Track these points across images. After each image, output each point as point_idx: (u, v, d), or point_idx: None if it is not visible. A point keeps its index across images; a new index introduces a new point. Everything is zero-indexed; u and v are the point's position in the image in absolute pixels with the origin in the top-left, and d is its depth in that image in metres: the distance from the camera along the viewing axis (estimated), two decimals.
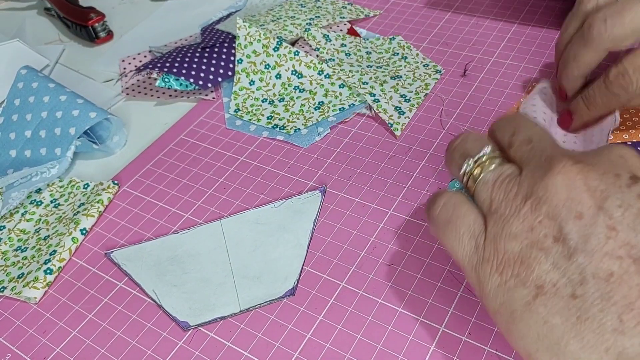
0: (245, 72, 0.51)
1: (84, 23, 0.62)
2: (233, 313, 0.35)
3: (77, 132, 0.46)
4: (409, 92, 0.49)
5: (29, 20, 0.70)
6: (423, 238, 0.37)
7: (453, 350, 0.31)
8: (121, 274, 0.38)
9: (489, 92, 0.48)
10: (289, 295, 0.35)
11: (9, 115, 0.48)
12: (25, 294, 0.37)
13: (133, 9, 0.69)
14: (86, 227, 0.41)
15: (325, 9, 0.60)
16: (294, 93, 0.50)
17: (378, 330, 0.33)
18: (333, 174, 0.43)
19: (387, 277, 0.35)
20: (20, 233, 0.42)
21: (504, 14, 0.57)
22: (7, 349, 0.35)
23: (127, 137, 0.50)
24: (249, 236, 0.39)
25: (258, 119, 0.49)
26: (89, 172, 0.47)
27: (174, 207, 0.42)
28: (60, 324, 0.36)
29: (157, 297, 0.36)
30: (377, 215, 0.39)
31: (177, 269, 0.38)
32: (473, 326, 0.32)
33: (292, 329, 0.34)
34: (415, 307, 0.34)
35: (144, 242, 0.40)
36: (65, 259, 0.39)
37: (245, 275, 0.37)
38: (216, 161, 0.46)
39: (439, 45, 0.54)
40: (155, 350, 0.34)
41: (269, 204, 0.41)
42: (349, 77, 0.50)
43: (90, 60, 0.61)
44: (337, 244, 0.38)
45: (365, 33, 0.57)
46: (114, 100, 0.54)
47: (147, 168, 0.46)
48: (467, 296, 0.34)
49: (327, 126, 0.47)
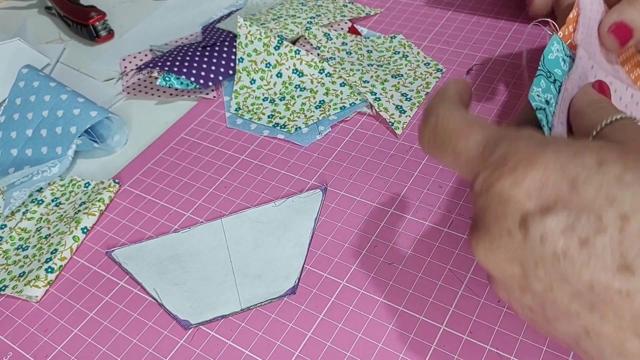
0: (246, 71, 0.51)
1: (84, 22, 0.62)
2: (234, 312, 0.35)
3: (78, 131, 0.46)
4: (410, 90, 0.49)
5: (29, 19, 0.70)
6: (424, 237, 0.37)
7: (454, 349, 0.31)
8: (122, 273, 0.38)
9: (489, 90, 0.48)
10: (289, 294, 0.35)
11: (10, 114, 0.48)
12: (26, 292, 0.37)
13: (134, 8, 0.69)
14: (87, 226, 0.41)
15: (326, 8, 0.60)
16: (294, 92, 0.50)
17: (379, 328, 0.33)
18: (334, 173, 0.43)
19: (387, 276, 0.35)
20: (21, 232, 0.42)
21: (505, 12, 0.57)
22: (9, 347, 0.35)
23: (127, 135, 0.50)
24: (249, 235, 0.39)
25: (259, 117, 0.49)
26: (89, 171, 0.47)
27: (174, 206, 0.42)
28: (62, 322, 0.36)
29: (158, 295, 0.36)
30: (378, 214, 0.39)
31: (178, 267, 0.38)
32: (474, 325, 0.32)
33: (293, 327, 0.34)
34: (416, 306, 0.34)
35: (145, 240, 0.40)
36: (67, 257, 0.39)
37: (246, 273, 0.37)
38: (217, 160, 0.46)
39: (440, 43, 0.54)
40: (156, 349, 0.34)
41: (269, 202, 0.41)
42: (350, 75, 0.50)
43: (91, 59, 0.61)
44: (338, 243, 0.38)
45: (366, 31, 0.57)
46: (115, 99, 0.54)
47: (148, 167, 0.46)
48: (468, 295, 0.34)
49: (328, 125, 0.46)
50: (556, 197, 0.20)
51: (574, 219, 0.19)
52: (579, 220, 0.19)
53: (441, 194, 0.40)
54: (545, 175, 0.20)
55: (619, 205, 0.19)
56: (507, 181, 0.21)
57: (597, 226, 0.19)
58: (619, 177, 0.19)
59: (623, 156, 0.20)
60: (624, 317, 0.19)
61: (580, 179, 0.19)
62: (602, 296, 0.19)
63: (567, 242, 0.19)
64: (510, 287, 0.22)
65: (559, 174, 0.20)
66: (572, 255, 0.19)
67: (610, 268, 0.18)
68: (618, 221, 0.18)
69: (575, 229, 0.19)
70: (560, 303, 0.20)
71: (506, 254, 0.21)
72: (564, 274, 0.19)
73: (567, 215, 0.19)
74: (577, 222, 0.19)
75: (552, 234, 0.19)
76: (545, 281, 0.20)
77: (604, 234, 0.19)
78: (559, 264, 0.19)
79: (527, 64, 0.50)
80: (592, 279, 0.19)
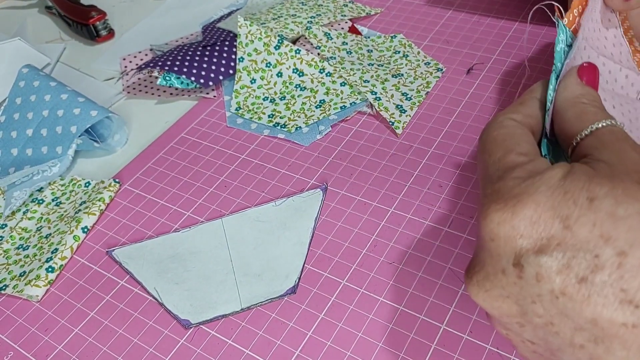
0: (246, 71, 0.51)
1: (85, 21, 0.62)
2: (234, 311, 0.35)
3: (78, 130, 0.46)
4: (410, 90, 0.49)
5: (30, 18, 0.70)
6: (424, 236, 0.37)
7: (454, 349, 0.31)
8: (122, 272, 0.38)
9: (490, 90, 0.48)
10: (290, 293, 0.35)
11: (10, 114, 0.48)
12: (27, 292, 0.37)
13: (134, 8, 0.69)
14: (87, 225, 0.41)
15: (327, 7, 0.60)
16: (295, 91, 0.50)
17: (379, 328, 0.33)
18: (334, 172, 0.43)
19: (388, 275, 0.35)
20: (22, 231, 0.42)
21: (505, 11, 0.57)
22: (9, 347, 0.35)
23: (128, 135, 0.50)
24: (250, 234, 0.39)
25: (259, 117, 0.49)
26: (90, 171, 0.47)
27: (175, 205, 0.42)
28: (62, 322, 0.36)
29: (158, 295, 0.36)
30: (378, 213, 0.39)
31: (178, 267, 0.38)
32: (474, 324, 0.32)
33: (293, 326, 0.34)
34: (416, 305, 0.34)
35: (145, 240, 0.40)
36: (67, 257, 0.39)
37: (246, 273, 0.37)
38: (217, 159, 0.46)
39: (440, 43, 0.54)
40: (157, 348, 0.34)
41: (270, 202, 0.41)
42: (350, 75, 0.50)
43: (91, 58, 0.61)
44: (338, 242, 0.38)
45: (367, 31, 0.57)
46: (115, 98, 0.54)
47: (148, 166, 0.46)
48: (468, 294, 0.34)
49: (328, 124, 0.46)
50: (549, 236, 0.20)
51: (570, 257, 0.19)
52: (575, 259, 0.19)
53: (441, 193, 0.40)
54: (536, 214, 0.20)
55: (614, 242, 0.18)
56: (496, 218, 0.21)
57: (594, 264, 0.19)
58: (612, 212, 0.19)
59: (613, 189, 0.19)
60: (631, 348, 0.19)
61: (572, 218, 0.19)
62: (606, 330, 0.19)
63: (564, 280, 0.19)
64: (508, 324, 0.22)
65: (551, 213, 0.20)
66: (570, 293, 0.19)
67: (612, 303, 0.18)
68: (615, 258, 0.18)
69: (571, 267, 0.19)
70: (563, 335, 0.20)
71: (501, 292, 0.21)
72: (564, 310, 0.19)
73: (562, 255, 0.19)
74: (573, 261, 0.19)
75: (547, 273, 0.19)
76: (545, 317, 0.20)
77: (602, 271, 0.19)
78: (558, 302, 0.19)
79: (529, 63, 0.50)
80: (595, 315, 0.19)
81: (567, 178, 0.20)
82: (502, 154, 0.23)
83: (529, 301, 0.20)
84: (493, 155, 0.23)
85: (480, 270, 0.22)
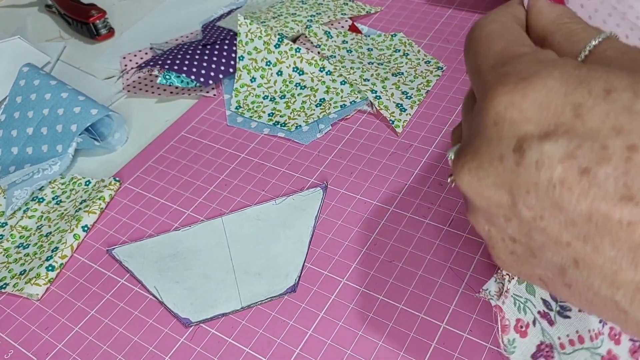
0: (246, 69, 0.51)
1: (85, 20, 0.62)
2: (234, 309, 0.35)
3: (78, 129, 0.46)
4: (411, 89, 0.49)
5: (30, 17, 0.70)
6: (424, 235, 0.37)
7: (454, 347, 0.31)
8: (123, 271, 0.38)
9: None
10: (290, 292, 0.35)
11: (10, 113, 0.48)
12: (27, 290, 0.37)
13: (134, 6, 0.69)
14: (88, 224, 0.41)
15: (327, 6, 0.60)
16: (295, 90, 0.50)
17: (379, 327, 0.33)
18: (334, 171, 0.43)
19: (388, 274, 0.35)
20: (22, 230, 0.42)
21: None
22: (10, 345, 0.35)
23: (128, 134, 0.50)
24: (250, 233, 0.39)
25: (259, 115, 0.49)
26: (90, 169, 0.47)
27: (175, 204, 0.42)
28: (63, 320, 0.36)
29: (158, 293, 0.36)
30: (378, 212, 0.39)
31: (178, 265, 0.38)
32: (474, 323, 0.32)
33: (294, 325, 0.34)
34: (416, 304, 0.34)
35: (146, 238, 0.40)
36: (67, 255, 0.39)
37: (246, 271, 0.37)
38: (217, 158, 0.46)
39: (441, 42, 0.54)
40: (157, 347, 0.34)
41: (270, 200, 0.41)
42: (350, 74, 0.50)
43: (91, 57, 0.61)
44: (338, 241, 0.38)
45: (367, 30, 0.57)
46: (115, 97, 0.54)
47: (149, 165, 0.46)
48: (468, 293, 0.34)
49: (328, 123, 0.46)
50: (557, 123, 0.19)
51: (576, 146, 0.18)
52: (581, 148, 0.18)
53: (441, 192, 0.40)
54: (547, 99, 0.19)
55: (626, 135, 0.17)
56: (504, 100, 0.19)
57: (600, 155, 0.18)
58: (629, 106, 0.18)
59: (633, 83, 0.18)
60: (621, 248, 0.18)
61: (585, 106, 0.18)
62: (599, 226, 0.18)
63: (565, 169, 0.18)
64: (494, 216, 0.21)
65: (562, 99, 0.18)
66: (570, 184, 0.18)
67: (612, 198, 0.17)
68: (625, 151, 0.17)
69: (576, 157, 0.18)
70: (550, 232, 0.19)
71: (494, 180, 0.20)
72: (559, 202, 0.18)
73: (568, 143, 0.18)
74: (579, 150, 0.18)
75: (549, 160, 0.18)
76: (535, 209, 0.19)
77: (607, 163, 0.17)
78: (554, 192, 0.18)
79: None
80: (591, 209, 0.18)
81: (582, 68, 0.19)
82: (505, 45, 0.22)
83: (522, 191, 0.19)
84: (493, 47, 0.22)
85: (474, 159, 0.21)
